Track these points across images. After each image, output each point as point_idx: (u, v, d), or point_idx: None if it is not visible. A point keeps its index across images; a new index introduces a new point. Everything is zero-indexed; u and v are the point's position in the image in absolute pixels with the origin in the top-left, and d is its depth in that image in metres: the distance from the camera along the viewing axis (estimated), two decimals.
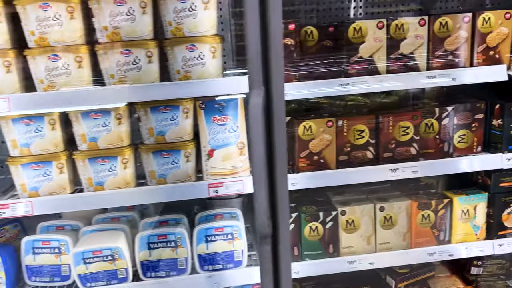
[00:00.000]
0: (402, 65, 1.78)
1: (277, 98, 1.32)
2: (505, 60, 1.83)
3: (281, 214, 1.43)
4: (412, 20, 1.75)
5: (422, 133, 1.92)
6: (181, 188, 1.79)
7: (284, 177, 1.39)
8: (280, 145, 1.35)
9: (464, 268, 2.26)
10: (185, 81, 1.68)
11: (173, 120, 1.73)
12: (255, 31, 1.25)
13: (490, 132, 2.04)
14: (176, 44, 1.66)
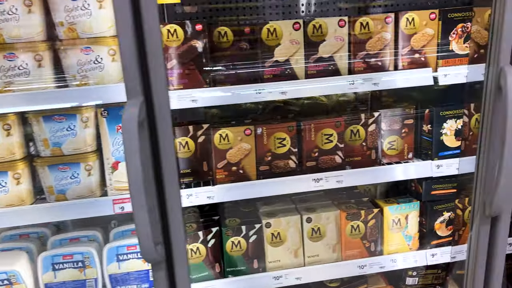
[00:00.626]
0: (321, 69, 1.66)
1: (160, 107, 1.16)
2: (431, 63, 1.73)
3: (175, 236, 1.28)
4: (331, 21, 1.63)
5: (347, 141, 1.81)
6: (83, 204, 1.60)
7: (176, 194, 1.24)
8: (168, 160, 1.20)
9: (400, 278, 2.17)
10: (82, 87, 1.52)
11: (70, 130, 1.55)
12: (127, 31, 1.09)
13: (421, 138, 1.95)
14: (70, 47, 1.49)
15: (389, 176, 1.78)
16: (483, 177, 1.39)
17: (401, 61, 1.68)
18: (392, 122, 1.84)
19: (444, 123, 1.81)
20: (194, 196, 1.64)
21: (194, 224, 1.84)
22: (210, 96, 1.54)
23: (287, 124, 1.70)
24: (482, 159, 1.40)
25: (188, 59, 1.53)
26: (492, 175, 1.34)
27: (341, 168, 1.77)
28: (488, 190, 1.36)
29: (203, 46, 1.54)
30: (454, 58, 1.70)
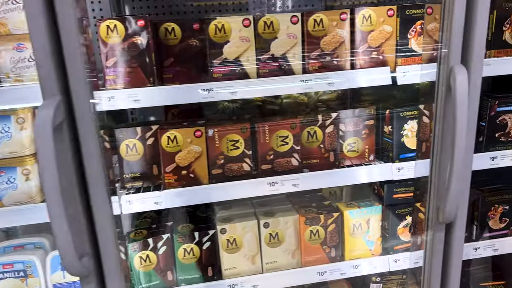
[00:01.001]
0: (274, 68, 1.58)
1: (80, 108, 1.07)
2: (390, 61, 1.66)
3: (104, 246, 1.19)
4: (283, 17, 1.55)
5: (304, 143, 1.73)
6: (22, 211, 1.52)
7: (103, 202, 1.15)
8: (91, 164, 1.11)
9: (364, 284, 2.10)
10: (15, 85, 1.42)
11: (5, 132, 1.46)
12: (39, 25, 1.00)
13: (382, 140, 1.89)
14: (1, 43, 1.40)
15: (347, 179, 1.71)
16: (436, 182, 1.33)
17: (358, 60, 1.61)
18: (352, 123, 1.77)
19: (405, 124, 1.74)
20: (139, 202, 1.55)
21: (145, 231, 1.75)
22: (153, 95, 1.45)
23: (240, 125, 1.62)
24: (435, 163, 1.34)
25: (130, 56, 1.44)
26: (444, 180, 1.27)
27: (298, 171, 1.69)
28: (441, 196, 1.29)
29: (147, 43, 1.45)
30: (414, 56, 1.63)
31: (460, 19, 1.16)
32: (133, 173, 1.65)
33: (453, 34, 1.17)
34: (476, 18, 1.16)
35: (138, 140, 1.62)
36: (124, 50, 1.44)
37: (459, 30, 1.17)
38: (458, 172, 1.20)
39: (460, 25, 1.17)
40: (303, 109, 1.91)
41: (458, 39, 1.18)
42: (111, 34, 1.42)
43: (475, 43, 1.18)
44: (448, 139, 1.24)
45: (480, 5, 1.15)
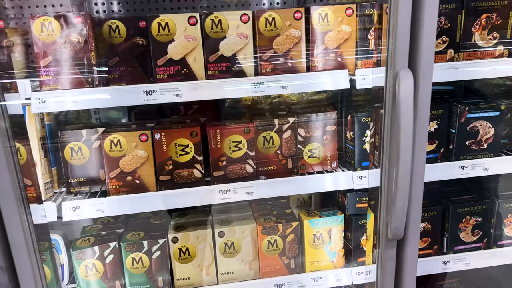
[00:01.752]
0: (223, 69, 1.50)
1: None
2: (349, 64, 1.57)
3: (18, 258, 1.12)
4: (232, 16, 1.46)
5: (260, 148, 1.64)
6: None
7: (13, 211, 1.08)
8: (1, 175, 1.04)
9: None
10: None
11: None
12: None
13: (345, 146, 1.79)
14: None
15: (304, 187, 1.62)
16: (385, 194, 1.24)
17: (314, 62, 1.52)
18: (312, 128, 1.68)
19: (367, 130, 1.65)
20: (79, 209, 1.47)
21: (93, 238, 1.67)
22: (90, 98, 1.37)
23: (189, 129, 1.53)
24: (384, 174, 1.25)
25: (66, 56, 1.36)
26: (391, 193, 1.18)
27: (252, 178, 1.61)
28: (389, 210, 1.20)
29: (84, 42, 1.36)
30: (373, 59, 1.54)
31: (405, 20, 1.07)
32: (79, 178, 1.58)
33: (398, 36, 1.08)
34: (423, 18, 1.07)
35: (83, 144, 1.55)
36: (59, 49, 1.36)
37: (404, 31, 1.08)
38: (403, 185, 1.11)
39: (405, 26, 1.08)
40: (290, 110, 1.81)
41: (404, 42, 1.08)
42: (45, 32, 1.34)
43: (422, 46, 1.09)
44: (394, 149, 1.14)
45: (428, 4, 1.05)
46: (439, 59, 1.57)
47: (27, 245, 1.08)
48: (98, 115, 2.06)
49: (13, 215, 1.04)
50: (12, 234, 1.06)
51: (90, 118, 2.05)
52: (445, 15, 1.53)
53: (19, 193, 1.04)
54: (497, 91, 1.89)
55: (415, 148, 1.13)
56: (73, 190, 1.59)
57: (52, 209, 1.44)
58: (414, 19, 1.07)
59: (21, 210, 1.05)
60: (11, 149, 1.01)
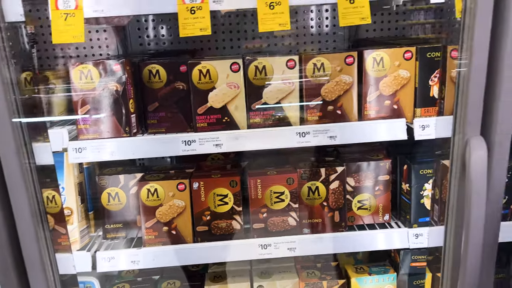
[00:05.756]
0: (266, 117, 1.40)
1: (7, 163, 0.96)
2: (407, 111, 1.42)
3: None
4: (278, 61, 1.36)
5: (304, 199, 1.52)
6: None
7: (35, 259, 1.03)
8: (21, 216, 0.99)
9: None
10: None
11: None
12: None
13: (401, 198, 1.63)
14: None
15: (353, 245, 1.48)
16: (451, 255, 1.08)
17: (366, 110, 1.39)
18: (362, 178, 1.54)
19: (425, 183, 1.49)
20: (113, 260, 1.42)
21: (127, 285, 1.62)
22: (126, 149, 1.33)
23: (228, 178, 1.45)
24: (449, 233, 1.10)
25: (104, 104, 1.33)
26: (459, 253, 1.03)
27: (295, 232, 1.49)
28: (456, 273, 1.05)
29: (122, 90, 1.32)
30: (435, 106, 1.38)
31: (479, 81, 0.92)
32: (115, 224, 1.54)
33: (470, 100, 0.94)
34: (501, 79, 0.92)
35: (120, 189, 1.51)
36: (97, 97, 1.32)
37: (477, 96, 0.93)
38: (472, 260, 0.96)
39: (479, 88, 0.93)
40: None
41: (476, 107, 0.94)
42: (84, 80, 1.31)
43: (499, 110, 0.94)
44: (463, 214, 0.99)
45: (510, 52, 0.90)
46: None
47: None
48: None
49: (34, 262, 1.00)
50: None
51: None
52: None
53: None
54: None
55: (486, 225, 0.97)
56: (109, 236, 1.55)
57: (86, 260, 1.41)
58: (490, 79, 0.93)
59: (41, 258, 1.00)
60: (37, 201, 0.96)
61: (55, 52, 1.88)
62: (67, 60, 1.85)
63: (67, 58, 1.87)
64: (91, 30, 1.96)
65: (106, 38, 1.98)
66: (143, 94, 1.41)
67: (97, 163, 1.63)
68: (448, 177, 1.09)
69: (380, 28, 2.03)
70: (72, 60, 1.82)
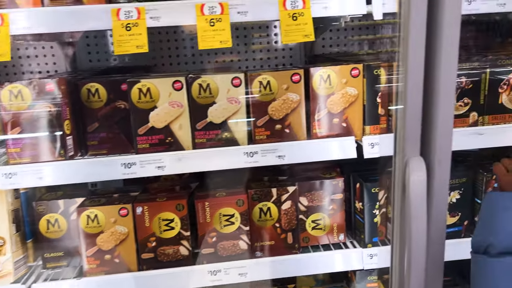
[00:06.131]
0: (212, 137, 1.35)
1: None
2: (357, 129, 1.40)
3: None
4: (222, 79, 1.32)
5: (256, 221, 1.47)
6: None
7: None
8: None
9: None
10: None
11: None
12: None
13: (355, 217, 1.61)
14: None
15: (307, 269, 1.42)
16: (397, 275, 1.05)
17: (315, 128, 1.36)
18: (316, 197, 1.50)
19: (378, 202, 1.46)
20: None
21: None
22: (64, 172, 1.24)
23: (174, 201, 1.38)
24: (395, 254, 1.06)
25: (37, 126, 1.25)
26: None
27: (247, 256, 1.43)
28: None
29: (56, 111, 1.25)
30: (384, 124, 1.37)
31: (415, 101, 0.90)
32: (55, 253, 1.44)
33: (408, 120, 0.91)
34: (439, 93, 0.90)
35: (60, 215, 1.41)
36: (30, 118, 1.24)
37: (416, 111, 0.91)
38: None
39: (417, 104, 0.91)
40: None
41: (415, 127, 0.91)
42: (14, 100, 1.23)
43: (438, 129, 0.91)
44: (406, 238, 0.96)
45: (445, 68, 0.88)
46: (461, 123, 1.39)
47: None
48: None
49: None
50: None
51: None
52: (468, 75, 1.36)
53: None
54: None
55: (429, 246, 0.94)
56: (49, 265, 1.44)
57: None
58: (427, 98, 0.91)
59: None
60: None
61: None
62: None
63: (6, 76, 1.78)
64: (37, 46, 1.88)
65: (53, 54, 1.90)
66: (82, 114, 1.33)
67: (35, 188, 1.53)
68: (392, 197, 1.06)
69: (337, 44, 2.04)
70: (1, 80, 1.72)
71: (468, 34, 1.85)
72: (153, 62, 1.92)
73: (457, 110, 1.38)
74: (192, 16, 1.18)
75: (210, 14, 1.17)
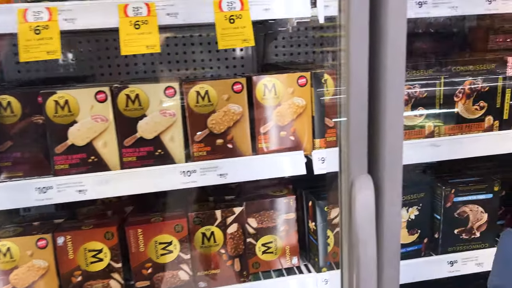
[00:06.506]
0: (143, 154, 1.20)
1: None
2: (306, 143, 1.29)
3: None
4: (154, 89, 1.18)
5: (198, 248, 1.33)
6: None
7: None
8: None
9: None
10: None
11: None
12: None
13: (309, 238, 1.49)
14: None
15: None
16: None
17: (261, 142, 1.23)
18: (265, 218, 1.37)
19: (331, 221, 1.35)
20: None
21: None
22: None
23: (103, 229, 1.21)
24: (345, 278, 0.94)
25: None
26: None
27: (190, 287, 1.28)
28: None
29: None
30: (334, 136, 1.26)
31: (360, 109, 0.79)
32: None
33: (352, 131, 0.80)
34: (386, 103, 0.79)
35: None
36: None
37: (362, 125, 0.80)
38: None
39: (362, 118, 0.80)
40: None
41: (360, 140, 0.80)
42: None
43: (386, 144, 0.81)
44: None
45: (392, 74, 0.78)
46: (416, 134, 1.31)
47: None
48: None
49: None
50: None
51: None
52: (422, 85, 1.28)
53: None
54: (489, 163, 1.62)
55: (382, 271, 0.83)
56: None
57: None
58: (372, 109, 0.80)
59: None
60: None
61: None
62: None
63: None
64: None
65: None
66: None
67: None
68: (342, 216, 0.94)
69: (290, 52, 1.94)
70: None
71: (427, 45, 1.81)
72: (91, 72, 1.75)
73: (412, 120, 1.29)
74: (115, 18, 1.04)
75: (135, 16, 1.03)
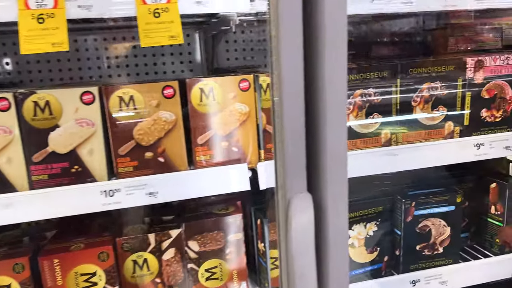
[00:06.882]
0: (57, 171, 1.03)
1: None
2: (251, 154, 1.16)
3: None
4: (68, 95, 1.02)
5: (129, 278, 1.16)
6: None
7: None
8: None
9: None
10: None
11: None
12: None
13: (259, 261, 1.35)
14: None
15: None
16: None
17: (198, 155, 1.09)
18: (209, 240, 1.22)
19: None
20: None
21: None
22: None
23: (11, 261, 1.03)
24: None
25: None
26: None
27: None
28: None
29: None
30: None
31: (296, 115, 0.66)
32: None
33: (288, 142, 0.67)
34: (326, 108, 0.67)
35: None
36: None
37: (299, 135, 0.67)
38: None
39: (298, 127, 0.67)
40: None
41: (298, 152, 0.67)
42: None
43: (328, 157, 0.68)
44: None
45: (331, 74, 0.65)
46: (373, 142, 1.20)
47: None
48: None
49: None
50: None
51: None
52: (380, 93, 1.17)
53: None
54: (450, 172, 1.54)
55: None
56: None
57: None
58: (311, 116, 0.67)
59: None
60: None
61: None
62: None
63: None
64: None
65: None
66: None
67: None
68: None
69: (243, 56, 1.81)
70: None
71: (390, 52, 1.74)
72: (51, 76, 1.57)
73: (367, 128, 1.18)
74: (14, 11, 0.87)
75: (38, 8, 0.87)
